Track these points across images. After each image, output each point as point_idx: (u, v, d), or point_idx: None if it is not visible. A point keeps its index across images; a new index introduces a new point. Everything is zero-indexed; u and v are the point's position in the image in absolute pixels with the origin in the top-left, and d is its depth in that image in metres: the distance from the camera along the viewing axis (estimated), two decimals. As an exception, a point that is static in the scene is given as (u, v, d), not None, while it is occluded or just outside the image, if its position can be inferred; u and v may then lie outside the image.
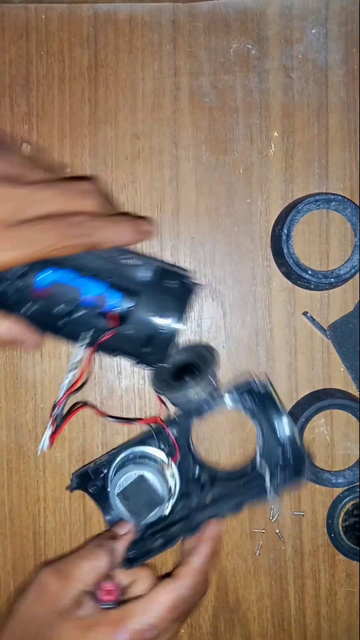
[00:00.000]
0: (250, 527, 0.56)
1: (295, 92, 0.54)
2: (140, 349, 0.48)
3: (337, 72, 0.54)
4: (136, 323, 0.48)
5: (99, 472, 0.51)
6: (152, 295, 0.48)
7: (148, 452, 0.50)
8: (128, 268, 0.48)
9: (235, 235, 0.55)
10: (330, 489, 0.55)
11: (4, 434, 0.56)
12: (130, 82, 0.54)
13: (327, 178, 0.55)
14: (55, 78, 0.54)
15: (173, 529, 0.50)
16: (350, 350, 0.54)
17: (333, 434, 0.56)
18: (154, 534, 0.50)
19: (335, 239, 0.55)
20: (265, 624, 0.57)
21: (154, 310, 0.48)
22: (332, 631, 0.57)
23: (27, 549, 0.56)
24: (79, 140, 0.55)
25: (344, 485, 0.54)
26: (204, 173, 0.55)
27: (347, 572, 0.56)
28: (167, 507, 0.49)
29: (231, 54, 0.54)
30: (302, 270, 0.52)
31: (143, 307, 0.48)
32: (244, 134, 0.54)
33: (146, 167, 0.55)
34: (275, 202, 0.55)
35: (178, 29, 0.54)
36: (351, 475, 0.54)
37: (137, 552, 0.50)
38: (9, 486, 0.56)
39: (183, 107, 0.54)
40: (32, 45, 0.54)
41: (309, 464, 0.53)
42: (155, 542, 0.50)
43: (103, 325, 0.48)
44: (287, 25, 0.54)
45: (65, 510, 0.56)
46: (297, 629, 0.57)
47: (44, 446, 0.51)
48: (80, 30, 0.54)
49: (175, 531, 0.49)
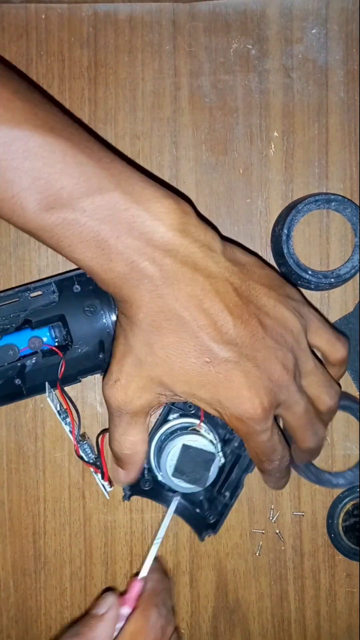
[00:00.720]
0: (250, 528, 0.56)
1: (296, 92, 0.54)
2: (98, 359, 0.49)
3: (337, 72, 0.54)
4: (79, 340, 0.48)
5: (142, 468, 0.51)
6: (73, 308, 0.48)
7: (175, 425, 0.50)
8: (34, 300, 0.48)
9: (235, 235, 0.55)
10: (330, 488, 0.55)
11: (3, 433, 0.56)
12: (130, 82, 0.54)
13: (327, 178, 0.55)
14: (55, 78, 0.54)
15: (233, 475, 0.50)
16: (351, 351, 0.54)
17: (333, 434, 0.56)
18: (220, 489, 0.51)
19: (336, 239, 0.55)
20: (265, 624, 0.57)
21: (85, 318, 0.48)
22: (332, 631, 0.57)
23: (27, 549, 0.56)
24: (79, 140, 0.55)
25: (344, 486, 0.54)
26: (203, 173, 0.55)
27: (347, 572, 0.56)
28: (220, 457, 0.49)
29: (231, 54, 0.54)
30: (302, 270, 0.52)
31: (74, 323, 0.48)
32: (244, 134, 0.54)
33: (146, 167, 0.55)
34: (275, 202, 0.55)
35: (178, 29, 0.54)
36: (352, 476, 0.54)
37: (214, 514, 0.51)
38: (9, 486, 0.56)
39: (183, 107, 0.54)
40: (31, 45, 0.54)
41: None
42: (225, 496, 0.51)
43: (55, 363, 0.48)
44: (287, 26, 0.54)
45: (65, 511, 0.56)
46: (297, 629, 0.57)
47: (107, 488, 0.51)
48: (80, 30, 0.54)
49: (235, 475, 0.51)
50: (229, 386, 0.39)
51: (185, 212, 0.39)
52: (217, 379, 0.39)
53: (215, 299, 0.39)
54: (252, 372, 0.40)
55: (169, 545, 0.56)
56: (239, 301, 0.40)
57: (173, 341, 0.39)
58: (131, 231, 0.38)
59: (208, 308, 0.39)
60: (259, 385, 0.40)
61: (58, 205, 0.37)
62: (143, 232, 0.38)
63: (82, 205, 0.37)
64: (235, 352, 0.39)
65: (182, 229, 0.39)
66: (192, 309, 0.39)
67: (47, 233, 0.38)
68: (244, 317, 0.40)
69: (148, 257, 0.38)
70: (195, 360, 0.39)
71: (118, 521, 0.56)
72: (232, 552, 0.56)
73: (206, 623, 0.57)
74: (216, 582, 0.56)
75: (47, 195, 0.37)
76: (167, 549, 0.56)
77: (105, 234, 0.37)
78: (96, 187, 0.37)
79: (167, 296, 0.38)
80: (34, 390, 0.49)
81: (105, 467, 0.52)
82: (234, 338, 0.39)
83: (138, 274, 0.38)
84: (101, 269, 0.38)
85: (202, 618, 0.57)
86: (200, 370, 0.39)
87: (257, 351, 0.40)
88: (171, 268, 0.38)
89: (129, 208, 0.38)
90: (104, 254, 0.38)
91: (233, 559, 0.56)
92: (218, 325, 0.39)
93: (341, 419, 0.55)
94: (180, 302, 0.39)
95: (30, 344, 0.48)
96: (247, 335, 0.40)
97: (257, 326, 0.40)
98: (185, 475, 0.48)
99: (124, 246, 0.38)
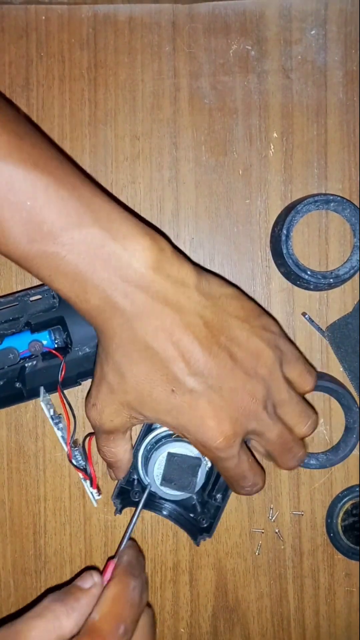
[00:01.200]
0: (250, 527, 0.56)
1: (295, 93, 0.54)
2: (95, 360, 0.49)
3: (336, 73, 0.54)
4: (79, 342, 0.49)
5: (131, 480, 0.51)
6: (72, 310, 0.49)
7: (160, 434, 0.50)
8: (33, 304, 0.49)
9: (234, 235, 0.55)
10: (329, 488, 0.56)
11: (4, 433, 0.56)
12: (130, 83, 0.55)
13: (326, 179, 0.55)
14: (55, 79, 0.55)
15: (222, 478, 0.50)
16: (349, 352, 0.54)
17: (332, 434, 0.56)
18: (211, 492, 0.51)
19: (335, 240, 0.55)
20: (264, 623, 0.57)
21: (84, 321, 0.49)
22: (332, 630, 0.57)
23: (27, 548, 0.56)
24: (78, 141, 0.55)
25: (315, 467, 0.54)
26: (203, 174, 0.55)
27: (346, 571, 0.56)
28: (206, 462, 0.49)
29: (230, 55, 0.54)
30: (301, 270, 0.52)
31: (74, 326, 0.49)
32: (243, 135, 0.55)
33: (146, 168, 0.55)
34: (274, 202, 0.55)
35: (177, 30, 0.54)
36: (324, 459, 0.54)
37: (207, 517, 0.51)
38: (9, 486, 0.56)
39: (183, 108, 0.55)
40: (32, 46, 0.54)
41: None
42: (217, 499, 0.51)
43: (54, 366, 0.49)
44: (286, 27, 0.54)
45: (65, 510, 0.56)
46: (297, 628, 0.57)
47: (95, 496, 0.53)
48: (80, 31, 0.54)
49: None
50: (194, 415, 0.41)
51: (160, 248, 0.41)
52: (182, 407, 0.41)
53: (185, 332, 0.41)
54: (216, 402, 0.41)
55: (169, 544, 0.56)
56: (209, 333, 0.41)
57: (142, 371, 0.41)
58: (106, 266, 0.39)
59: (177, 340, 0.41)
60: (223, 415, 0.41)
61: (39, 238, 0.39)
62: (118, 267, 0.40)
63: (61, 240, 0.39)
64: (201, 383, 0.41)
65: (156, 266, 0.40)
66: (161, 341, 0.40)
67: (28, 262, 0.40)
68: (213, 349, 0.41)
69: (121, 292, 0.40)
70: (162, 389, 0.41)
71: (118, 520, 0.56)
72: (231, 552, 0.56)
73: (206, 622, 0.57)
74: (216, 581, 0.57)
75: (28, 227, 0.39)
76: (167, 548, 0.56)
77: (82, 267, 0.39)
78: (76, 223, 0.39)
79: (138, 329, 0.40)
80: (34, 393, 0.50)
81: (94, 474, 0.52)
82: (201, 370, 0.41)
83: (111, 307, 0.40)
84: (77, 299, 0.40)
85: (202, 617, 0.57)
86: (167, 399, 0.41)
87: (224, 382, 0.41)
88: (142, 303, 0.40)
89: (105, 245, 0.40)
90: (80, 286, 0.40)
91: (232, 559, 0.56)
92: (186, 357, 0.41)
93: (340, 419, 0.55)
94: (150, 334, 0.40)
95: (30, 347, 0.48)
96: (214, 367, 0.41)
97: (226, 358, 0.41)
98: (174, 483, 0.48)
99: (99, 280, 0.40)
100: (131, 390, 0.42)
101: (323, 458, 0.54)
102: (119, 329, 0.41)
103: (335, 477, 0.56)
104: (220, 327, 0.42)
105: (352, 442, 0.54)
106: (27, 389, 0.49)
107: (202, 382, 0.41)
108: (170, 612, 0.57)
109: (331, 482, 0.56)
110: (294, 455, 0.46)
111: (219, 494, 0.51)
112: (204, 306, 0.42)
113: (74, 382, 0.51)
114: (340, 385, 0.54)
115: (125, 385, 0.42)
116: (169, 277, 0.41)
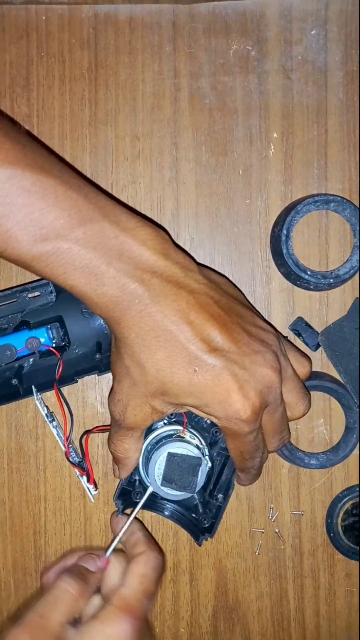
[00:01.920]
0: (250, 527, 0.56)
1: (295, 93, 0.54)
2: (94, 360, 0.49)
3: (337, 74, 0.54)
4: (77, 341, 0.49)
5: (132, 481, 0.51)
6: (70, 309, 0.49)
7: (161, 434, 0.50)
8: (31, 301, 0.49)
9: (234, 235, 0.55)
10: (329, 488, 0.56)
11: (4, 433, 0.56)
12: (130, 83, 0.55)
13: (326, 179, 0.55)
14: (55, 79, 0.55)
15: (223, 477, 0.51)
16: (345, 354, 0.54)
17: (332, 434, 0.56)
18: (212, 492, 0.51)
19: (335, 240, 0.55)
20: (264, 623, 0.57)
21: (82, 320, 0.49)
22: (332, 630, 0.57)
23: (28, 548, 0.56)
24: (79, 141, 0.55)
25: (315, 467, 0.54)
26: (203, 174, 0.55)
27: (347, 571, 0.56)
28: (207, 461, 0.49)
29: (231, 55, 0.54)
30: (301, 270, 0.52)
31: (72, 324, 0.49)
32: (243, 135, 0.55)
33: (146, 168, 0.55)
34: (274, 203, 0.55)
35: (178, 30, 0.54)
36: (324, 459, 0.54)
37: (208, 518, 0.51)
38: (10, 486, 0.56)
39: (183, 108, 0.55)
40: (32, 46, 0.54)
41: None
42: (218, 498, 0.51)
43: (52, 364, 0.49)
44: (286, 27, 0.54)
45: (65, 510, 0.56)
46: (297, 628, 0.57)
47: (92, 491, 0.53)
48: (81, 31, 0.54)
49: (226, 477, 0.51)
50: (218, 390, 0.42)
51: (164, 239, 0.43)
52: (205, 385, 0.42)
53: (200, 311, 0.42)
54: (240, 375, 0.42)
55: (169, 544, 0.56)
56: (221, 311, 0.43)
57: (163, 356, 0.42)
58: (121, 256, 0.41)
59: (194, 320, 0.42)
60: (249, 387, 0.42)
61: (52, 236, 0.40)
62: (131, 256, 0.41)
63: (74, 235, 0.40)
64: (222, 358, 0.42)
65: (165, 253, 0.42)
66: (178, 323, 0.41)
67: (41, 262, 0.41)
68: (228, 325, 0.42)
69: (137, 279, 0.41)
70: (183, 372, 0.42)
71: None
72: (231, 552, 0.56)
73: (206, 622, 0.57)
74: (216, 581, 0.57)
75: (40, 227, 0.40)
76: (167, 548, 0.56)
77: (97, 260, 0.41)
78: (87, 218, 0.41)
79: (156, 314, 0.41)
80: (31, 390, 0.50)
81: (91, 469, 0.52)
82: (220, 345, 0.42)
83: (129, 295, 0.41)
84: (94, 293, 0.41)
85: (202, 617, 0.57)
86: (189, 381, 0.42)
87: (244, 355, 0.42)
88: (158, 287, 0.41)
89: (117, 235, 0.41)
90: (97, 278, 0.41)
91: (233, 558, 0.57)
92: (204, 334, 0.42)
93: (340, 419, 0.55)
94: (168, 317, 0.41)
95: (27, 344, 0.48)
96: (232, 341, 0.42)
97: (242, 332, 0.43)
98: (174, 483, 0.48)
99: (115, 270, 0.41)
100: (152, 380, 0.42)
101: (323, 458, 0.54)
102: (137, 317, 0.41)
103: (336, 477, 0.56)
104: (229, 307, 0.44)
105: (352, 442, 0.54)
106: (23, 387, 0.49)
107: (223, 358, 0.42)
108: (171, 612, 0.57)
109: (331, 482, 0.56)
110: (282, 437, 0.47)
111: (220, 494, 0.51)
112: (211, 288, 0.43)
113: (71, 380, 0.51)
114: (340, 385, 0.54)
115: (147, 376, 0.42)
116: (177, 263, 0.43)
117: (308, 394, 0.48)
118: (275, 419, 0.45)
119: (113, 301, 0.41)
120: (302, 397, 0.47)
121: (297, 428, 0.56)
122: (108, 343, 0.49)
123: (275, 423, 0.46)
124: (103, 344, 0.49)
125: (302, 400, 0.47)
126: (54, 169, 0.41)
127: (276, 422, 0.46)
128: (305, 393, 0.48)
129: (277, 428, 0.46)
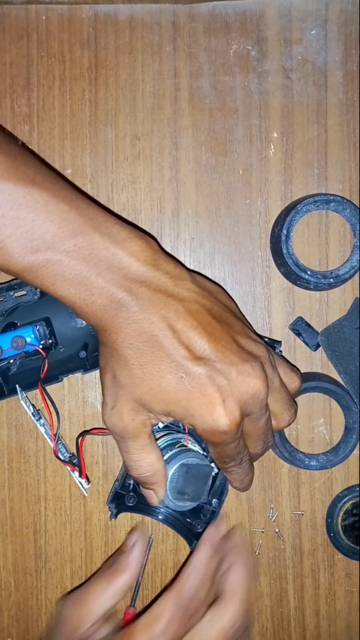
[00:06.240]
0: (250, 527, 0.56)
1: (295, 93, 0.54)
2: (78, 358, 0.49)
3: (337, 74, 0.54)
4: (62, 340, 0.49)
5: (126, 485, 0.51)
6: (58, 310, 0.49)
7: (165, 441, 0.50)
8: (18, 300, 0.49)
9: (234, 235, 0.55)
10: (329, 488, 0.56)
11: (4, 433, 0.56)
12: (131, 83, 0.55)
13: (326, 179, 0.55)
14: (55, 79, 0.55)
15: (217, 482, 0.51)
16: (345, 354, 0.54)
17: (332, 434, 0.56)
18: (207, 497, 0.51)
19: (335, 240, 0.55)
20: (264, 623, 0.57)
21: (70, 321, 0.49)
22: (332, 630, 0.57)
23: (28, 547, 0.57)
24: (79, 141, 0.55)
25: (315, 468, 0.54)
26: (203, 174, 0.55)
27: (347, 571, 0.56)
28: (214, 467, 0.49)
29: (231, 55, 0.54)
30: (301, 270, 0.52)
31: (59, 326, 0.49)
32: (243, 135, 0.55)
33: (146, 168, 0.55)
34: (274, 202, 0.55)
35: (178, 30, 0.54)
36: (324, 460, 0.54)
37: (202, 523, 0.51)
38: (10, 485, 0.56)
39: (183, 108, 0.55)
40: (32, 46, 0.55)
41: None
42: (212, 504, 0.51)
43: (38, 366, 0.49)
44: (286, 27, 0.54)
45: (65, 510, 0.56)
46: (297, 628, 0.57)
47: (85, 485, 0.53)
48: (81, 31, 0.54)
49: (220, 482, 0.51)
50: (203, 401, 0.42)
51: (155, 249, 0.43)
52: (191, 394, 0.42)
53: (188, 319, 0.42)
54: (224, 387, 0.42)
55: (169, 544, 0.56)
56: (212, 320, 0.43)
57: (149, 360, 0.42)
58: (111, 267, 0.42)
59: (181, 327, 0.42)
60: (232, 400, 0.42)
61: (43, 248, 0.41)
62: (121, 267, 0.42)
63: (65, 247, 0.41)
64: (207, 367, 0.42)
65: (154, 264, 0.43)
66: (165, 330, 0.42)
67: (32, 274, 0.41)
68: (217, 333, 0.42)
69: (125, 289, 0.42)
70: (171, 377, 0.42)
71: (118, 520, 0.56)
72: (231, 551, 0.56)
73: (206, 622, 0.57)
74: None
75: (31, 239, 0.40)
76: (167, 548, 0.56)
77: (87, 271, 0.41)
78: (78, 230, 0.41)
79: (142, 321, 0.42)
80: (16, 390, 0.50)
81: (83, 464, 0.52)
82: (207, 353, 0.42)
83: (116, 304, 0.42)
84: (83, 303, 0.42)
85: (202, 617, 0.57)
86: (176, 387, 0.42)
87: (232, 364, 0.42)
88: (146, 296, 0.42)
89: (108, 247, 0.42)
90: (86, 289, 0.41)
91: (233, 558, 0.56)
92: (192, 342, 0.42)
93: (340, 419, 0.55)
94: (154, 324, 0.42)
95: (13, 343, 0.48)
96: (220, 350, 0.42)
97: (231, 341, 0.43)
98: (187, 495, 0.48)
99: (104, 280, 0.42)
100: (140, 382, 0.42)
101: (323, 459, 0.54)
102: (124, 323, 0.42)
103: (335, 477, 0.56)
104: (220, 315, 0.44)
105: (352, 442, 0.54)
106: (9, 388, 0.49)
107: (208, 367, 0.42)
108: (171, 612, 0.57)
109: (331, 481, 0.56)
110: (266, 442, 0.47)
111: (214, 499, 0.50)
112: (203, 296, 0.44)
113: (56, 379, 0.51)
114: (340, 387, 0.54)
115: (135, 379, 0.43)
116: (167, 273, 0.43)
117: (295, 405, 0.48)
118: (259, 426, 0.45)
119: (101, 310, 0.42)
120: (288, 408, 0.47)
121: (297, 428, 0.56)
122: (95, 343, 0.49)
123: (259, 430, 0.46)
124: (90, 345, 0.49)
125: (288, 411, 0.47)
126: (45, 181, 0.42)
127: (259, 429, 0.46)
128: (291, 404, 0.48)
129: (261, 435, 0.46)
